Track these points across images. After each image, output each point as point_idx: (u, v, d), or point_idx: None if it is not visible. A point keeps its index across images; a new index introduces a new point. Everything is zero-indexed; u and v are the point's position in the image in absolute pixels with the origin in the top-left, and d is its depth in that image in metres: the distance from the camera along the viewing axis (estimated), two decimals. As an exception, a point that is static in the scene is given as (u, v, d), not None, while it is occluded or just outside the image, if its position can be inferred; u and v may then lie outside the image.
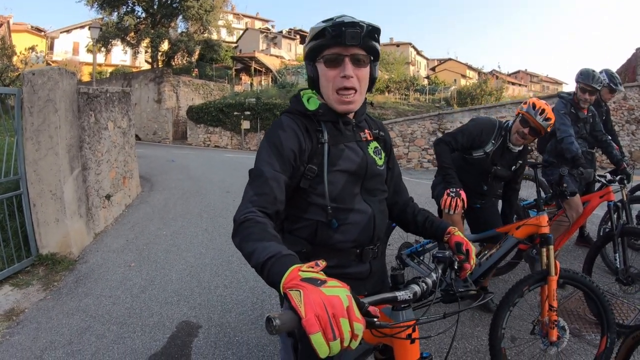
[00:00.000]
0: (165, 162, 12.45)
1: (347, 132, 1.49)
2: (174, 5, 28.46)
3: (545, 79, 67.90)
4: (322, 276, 0.89)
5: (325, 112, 1.45)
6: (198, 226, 6.10)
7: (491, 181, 3.27)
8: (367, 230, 1.46)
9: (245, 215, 1.19)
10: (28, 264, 4.47)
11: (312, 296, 0.82)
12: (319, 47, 1.39)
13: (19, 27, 34.42)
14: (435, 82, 39.22)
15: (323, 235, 1.42)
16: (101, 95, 6.08)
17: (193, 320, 3.47)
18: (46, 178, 4.62)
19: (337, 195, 1.41)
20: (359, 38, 1.32)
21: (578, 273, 2.63)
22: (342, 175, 1.42)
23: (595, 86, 3.87)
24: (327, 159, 1.40)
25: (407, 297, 1.18)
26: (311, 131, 1.43)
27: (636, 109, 12.56)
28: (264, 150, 1.38)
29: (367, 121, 1.62)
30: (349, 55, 1.36)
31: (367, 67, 1.42)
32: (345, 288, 0.87)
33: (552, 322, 2.48)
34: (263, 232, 1.12)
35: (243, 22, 52.35)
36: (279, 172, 1.32)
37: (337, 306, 0.82)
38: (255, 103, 22.12)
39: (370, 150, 1.53)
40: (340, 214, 1.41)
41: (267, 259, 1.01)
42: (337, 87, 1.39)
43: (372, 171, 1.50)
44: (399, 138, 14.05)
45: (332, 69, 1.39)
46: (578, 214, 3.78)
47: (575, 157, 3.76)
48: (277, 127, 1.43)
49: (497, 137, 3.16)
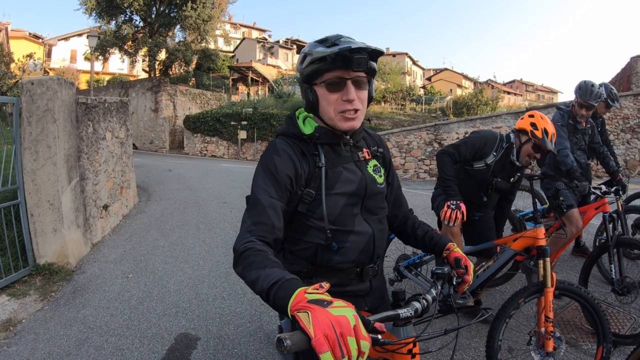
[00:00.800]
0: (162, 171, 12.43)
1: (344, 153, 1.48)
2: (172, 15, 28.60)
3: (541, 88, 68.40)
4: (328, 297, 0.92)
5: (321, 135, 1.44)
6: (196, 237, 6.09)
7: (491, 193, 3.29)
8: (367, 250, 1.46)
9: (244, 245, 1.20)
10: (25, 273, 4.46)
11: (320, 317, 0.85)
12: (319, 71, 1.38)
13: (17, 33, 34.42)
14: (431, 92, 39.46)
15: (323, 257, 1.43)
16: (99, 106, 6.10)
17: (191, 333, 3.47)
18: (44, 188, 4.62)
19: (336, 218, 1.41)
20: (365, 64, 1.32)
21: (574, 285, 2.65)
22: (340, 198, 1.42)
23: (592, 103, 3.89)
24: (324, 183, 1.40)
25: (409, 315, 1.21)
26: (307, 155, 1.42)
27: (631, 117, 12.67)
28: (259, 177, 1.37)
29: (365, 138, 1.61)
30: (351, 78, 1.36)
31: (367, 87, 1.43)
32: (351, 308, 0.90)
33: (548, 333, 2.50)
34: (264, 260, 1.13)
35: (240, 32, 52.66)
36: (276, 199, 1.32)
37: (344, 325, 0.84)
38: (252, 113, 22.19)
39: (369, 169, 1.52)
40: (339, 237, 1.42)
41: (271, 285, 1.04)
42: (340, 110, 1.38)
43: (371, 191, 1.49)
44: (395, 149, 14.09)
45: (334, 93, 1.38)
46: (577, 228, 3.81)
47: (571, 170, 3.79)
48: (271, 151, 1.41)
49: (498, 149, 3.21)
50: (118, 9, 27.15)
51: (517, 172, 3.31)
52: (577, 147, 4.13)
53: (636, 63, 15.72)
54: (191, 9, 26.88)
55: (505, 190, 3.34)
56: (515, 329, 3.16)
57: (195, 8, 27.06)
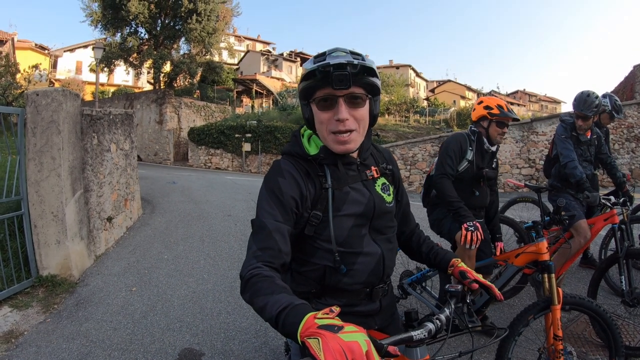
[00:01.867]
0: (166, 183, 12.43)
1: (351, 172, 1.43)
2: (177, 28, 28.84)
3: (544, 98, 68.56)
4: (339, 322, 0.89)
5: (327, 156, 1.38)
6: (200, 251, 6.05)
7: (483, 185, 3.34)
8: (377, 271, 1.43)
9: (251, 272, 1.17)
10: (28, 285, 4.43)
11: (331, 343, 0.82)
12: (310, 88, 1.33)
13: (23, 44, 34.71)
14: (434, 104, 39.55)
15: (332, 278, 1.39)
16: (104, 117, 6.11)
17: (196, 348, 3.42)
18: (48, 199, 4.61)
19: (344, 240, 1.36)
20: (347, 81, 1.24)
21: (584, 298, 2.58)
22: (348, 219, 1.37)
23: (587, 113, 3.83)
24: (332, 204, 1.35)
25: (422, 336, 1.18)
26: (313, 176, 1.38)
27: (635, 126, 12.64)
28: (264, 200, 1.33)
29: (374, 155, 1.55)
30: (343, 96, 1.29)
31: (365, 105, 1.34)
32: (363, 332, 0.87)
33: (558, 352, 2.42)
34: (272, 286, 1.10)
35: (244, 45, 53.05)
36: (282, 222, 1.28)
37: (356, 352, 0.81)
38: (257, 125, 22.25)
39: (377, 188, 1.47)
40: (348, 258, 1.37)
41: (280, 311, 1.01)
42: (332, 130, 1.32)
43: (380, 210, 1.44)
44: (400, 161, 14.08)
45: (325, 112, 1.32)
46: (586, 239, 3.76)
47: (580, 181, 3.75)
48: (276, 173, 1.37)
49: (471, 143, 3.29)
50: (123, 21, 27.43)
51: (494, 158, 3.42)
52: (583, 159, 4.08)
53: (639, 71, 15.70)
54: (196, 22, 27.10)
55: (494, 178, 3.41)
56: (523, 345, 3.10)
57: (200, 21, 27.29)
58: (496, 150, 3.37)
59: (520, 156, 12.93)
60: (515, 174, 12.86)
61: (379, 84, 1.35)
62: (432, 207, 3.55)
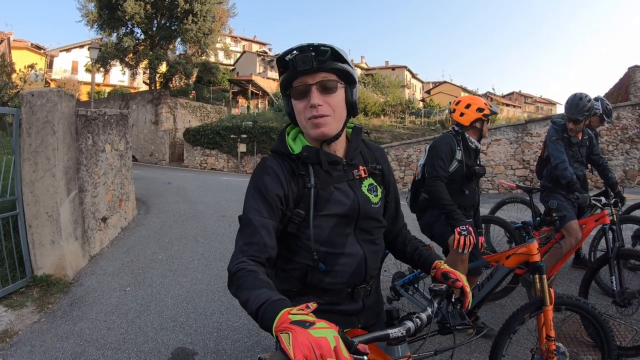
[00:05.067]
0: (161, 184, 12.42)
1: (336, 172, 1.43)
2: (173, 28, 28.82)
3: (539, 100, 68.72)
4: (312, 318, 0.91)
5: (310, 154, 1.40)
6: (194, 251, 6.06)
7: (474, 181, 3.41)
8: (359, 272, 1.43)
9: (237, 266, 1.20)
10: (22, 285, 4.44)
11: (300, 338, 0.84)
12: (287, 80, 1.38)
13: (19, 44, 34.48)
14: (430, 105, 39.50)
15: (313, 278, 1.41)
16: (99, 118, 6.11)
17: (189, 347, 3.43)
18: (43, 199, 4.61)
19: (325, 239, 1.38)
20: (310, 62, 1.29)
21: (577, 298, 2.58)
22: (330, 219, 1.38)
23: (578, 117, 3.85)
24: (313, 204, 1.37)
25: (400, 335, 1.18)
26: (297, 174, 1.39)
27: (630, 128, 12.68)
28: (250, 196, 1.36)
29: (364, 153, 1.55)
30: (315, 83, 1.33)
31: (339, 92, 1.38)
32: (333, 329, 0.89)
33: (551, 352, 2.43)
34: (255, 280, 1.13)
35: (240, 45, 52.95)
36: (267, 218, 1.30)
37: (324, 347, 0.84)
38: (252, 126, 22.27)
39: (364, 189, 1.48)
40: (329, 259, 1.39)
41: (259, 306, 1.04)
42: (307, 117, 1.36)
43: (365, 212, 1.44)
44: (394, 162, 14.12)
45: (301, 101, 1.37)
46: (577, 240, 3.78)
47: (570, 182, 3.78)
48: (261, 170, 1.40)
49: (458, 143, 3.34)
50: (119, 21, 27.38)
51: (478, 155, 3.50)
52: (574, 160, 4.11)
53: (634, 73, 15.79)
54: (192, 23, 27.10)
55: (483, 174, 3.45)
56: (516, 344, 3.12)
57: (196, 21, 27.28)
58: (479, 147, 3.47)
59: (515, 157, 12.98)
60: (509, 175, 12.91)
61: (352, 72, 1.38)
62: (421, 211, 3.54)
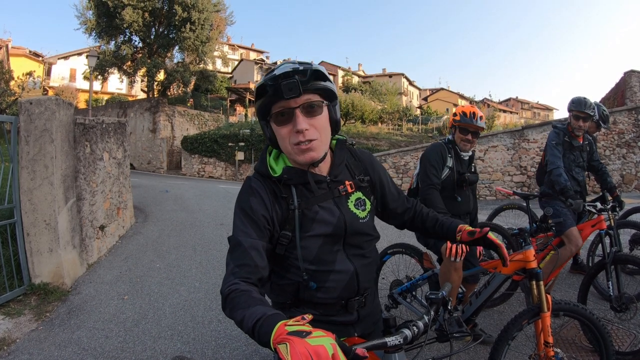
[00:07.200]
0: (159, 192, 12.40)
1: (320, 191, 1.41)
2: (171, 36, 28.85)
3: (536, 106, 69.07)
4: (308, 327, 0.92)
5: (291, 176, 1.38)
6: (192, 259, 6.05)
7: (466, 189, 3.43)
8: (351, 287, 1.43)
9: (229, 287, 1.20)
10: (20, 293, 4.43)
11: (298, 347, 0.85)
12: (266, 105, 1.33)
13: (18, 51, 34.44)
14: (427, 112, 39.70)
15: (305, 293, 1.41)
16: (97, 126, 6.12)
17: (187, 356, 3.41)
18: (41, 208, 4.61)
19: (314, 258, 1.38)
20: (297, 89, 1.25)
21: (575, 304, 2.58)
22: (317, 239, 1.38)
23: (588, 112, 3.90)
24: (298, 225, 1.36)
25: (397, 343, 1.18)
26: (279, 196, 1.38)
27: (626, 132, 12.71)
28: (237, 218, 1.35)
29: (350, 166, 1.52)
30: (299, 106, 1.29)
31: (324, 112, 1.35)
32: (330, 337, 0.90)
33: (549, 358, 2.42)
34: (248, 299, 1.14)
35: (238, 53, 53.07)
36: (256, 239, 1.30)
37: (322, 355, 0.84)
38: (250, 134, 22.27)
39: (350, 205, 1.46)
40: (320, 276, 1.39)
41: (255, 322, 1.04)
42: (293, 142, 1.32)
43: (352, 228, 1.43)
44: (392, 170, 14.12)
45: (284, 126, 1.32)
46: (577, 247, 3.79)
47: (564, 189, 3.78)
48: (246, 191, 1.39)
49: (449, 150, 3.40)
50: (117, 29, 27.40)
51: (471, 162, 3.54)
52: (575, 165, 4.13)
53: (630, 78, 15.89)
54: (190, 31, 27.14)
55: (475, 182, 3.50)
56: (514, 350, 3.12)
57: (193, 29, 27.34)
58: (471, 156, 3.50)
59: (512, 163, 13.00)
60: (506, 181, 12.92)
61: (332, 88, 1.35)
62: None
